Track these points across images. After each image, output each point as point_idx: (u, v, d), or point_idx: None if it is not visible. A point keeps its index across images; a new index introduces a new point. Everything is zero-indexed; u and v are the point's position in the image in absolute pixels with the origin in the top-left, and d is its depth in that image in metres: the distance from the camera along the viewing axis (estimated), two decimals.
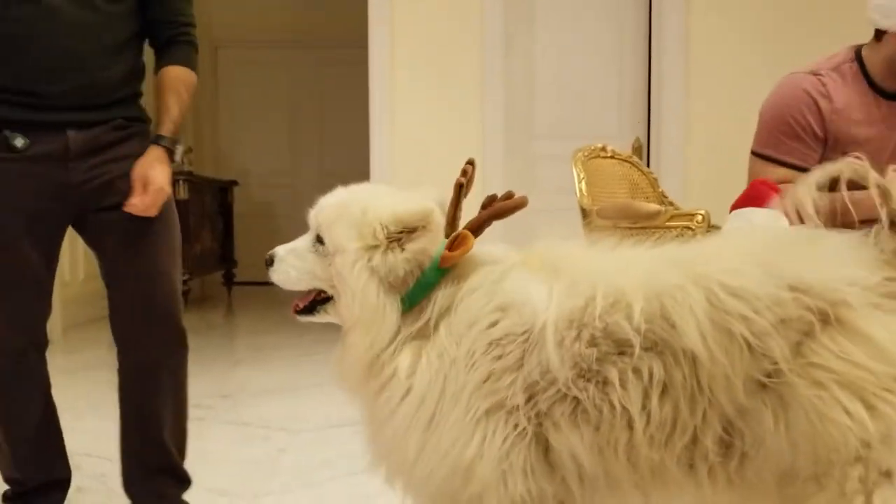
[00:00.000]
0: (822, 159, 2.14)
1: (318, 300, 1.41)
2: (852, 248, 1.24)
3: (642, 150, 4.51)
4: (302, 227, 1.42)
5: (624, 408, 1.19)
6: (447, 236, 1.34)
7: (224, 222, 7.29)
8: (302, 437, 3.02)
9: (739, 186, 2.07)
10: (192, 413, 2.15)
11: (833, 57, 2.27)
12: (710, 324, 1.17)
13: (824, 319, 1.16)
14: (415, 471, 1.29)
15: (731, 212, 1.88)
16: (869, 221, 1.27)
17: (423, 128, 4.61)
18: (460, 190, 1.39)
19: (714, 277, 1.20)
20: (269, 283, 1.41)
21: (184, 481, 2.08)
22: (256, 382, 3.93)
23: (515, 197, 1.39)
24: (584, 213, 2.28)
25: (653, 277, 1.23)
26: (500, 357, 1.24)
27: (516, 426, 1.22)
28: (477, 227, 1.35)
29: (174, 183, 2.18)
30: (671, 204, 2.56)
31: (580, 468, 1.22)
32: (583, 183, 2.33)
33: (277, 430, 3.11)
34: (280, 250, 1.41)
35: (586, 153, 2.48)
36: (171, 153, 1.94)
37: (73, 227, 1.98)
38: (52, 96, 1.84)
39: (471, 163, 1.42)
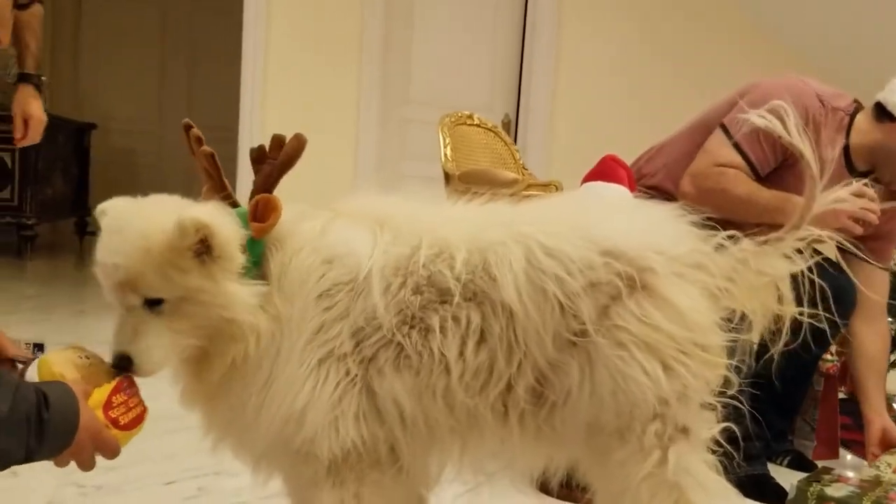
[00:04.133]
0: (770, 171, 2.17)
1: None
2: (666, 219, 1.33)
3: (511, 125, 4.62)
4: (165, 179, 1.33)
5: (443, 354, 1.23)
6: (233, 206, 1.29)
7: (79, 167, 6.89)
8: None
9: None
10: None
11: (838, 97, 2.22)
12: (526, 281, 1.23)
13: (631, 284, 1.24)
14: (254, 430, 1.27)
15: (581, 185, 1.97)
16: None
17: (297, 85, 4.53)
18: (214, 159, 1.31)
19: (534, 237, 1.25)
20: None
21: None
22: (103, 333, 3.75)
23: (289, 139, 1.30)
24: (448, 178, 2.32)
25: (478, 232, 1.28)
26: (329, 308, 1.25)
27: (347, 373, 1.24)
28: (273, 186, 1.30)
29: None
30: (529, 174, 2.64)
31: (402, 412, 1.25)
32: (448, 148, 2.38)
33: None
34: (127, 348, 1.21)
35: (453, 119, 2.53)
36: (39, 87, 2.25)
37: None
38: None
39: (188, 126, 1.32)
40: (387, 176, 4.52)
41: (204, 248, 1.18)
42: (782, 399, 2.24)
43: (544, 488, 1.99)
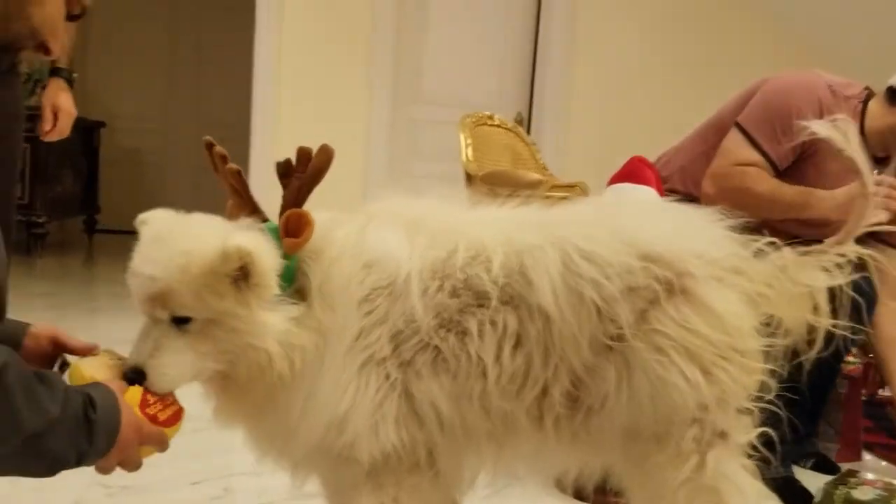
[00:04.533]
0: (788, 165, 2.17)
1: None
2: (704, 223, 1.33)
3: (524, 123, 4.62)
4: (173, 178, 1.30)
5: (480, 358, 1.23)
6: (263, 219, 1.27)
7: (88, 165, 6.89)
8: None
9: (614, 160, 2.14)
10: None
11: (849, 86, 2.24)
12: (563, 284, 1.22)
13: (669, 289, 1.24)
14: (295, 436, 1.26)
15: (608, 186, 1.96)
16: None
17: (308, 85, 4.53)
18: (241, 176, 1.29)
19: (571, 241, 1.25)
20: (132, 232, 1.25)
21: None
22: (119, 332, 3.75)
23: (316, 151, 1.27)
24: (470, 178, 2.32)
25: (514, 235, 1.27)
26: (369, 313, 1.24)
27: (387, 377, 1.23)
28: (303, 201, 1.27)
29: (33, 118, 2.43)
30: (550, 175, 2.64)
31: (439, 416, 1.24)
32: (469, 148, 2.37)
33: None
34: (143, 361, 1.18)
35: (474, 119, 2.53)
36: (70, 82, 2.36)
37: None
38: None
39: (210, 144, 1.29)
40: (397, 175, 4.52)
41: (242, 274, 1.17)
42: (808, 402, 2.24)
43: (579, 494, 1.99)
